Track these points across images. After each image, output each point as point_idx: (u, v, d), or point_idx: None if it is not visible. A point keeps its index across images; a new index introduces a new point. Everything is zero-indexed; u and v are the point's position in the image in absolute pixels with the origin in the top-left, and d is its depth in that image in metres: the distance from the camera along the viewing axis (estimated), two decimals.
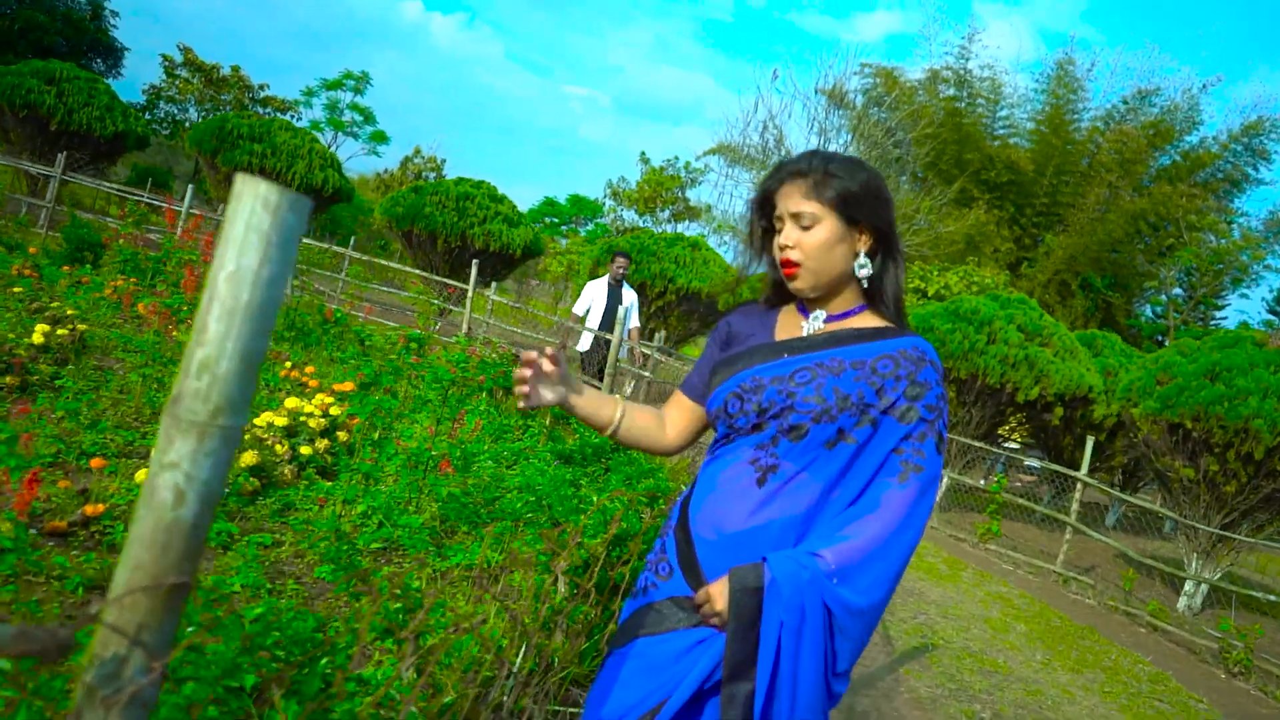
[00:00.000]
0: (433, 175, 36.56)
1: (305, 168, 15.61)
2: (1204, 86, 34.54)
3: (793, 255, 1.63)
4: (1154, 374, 8.94)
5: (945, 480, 11.28)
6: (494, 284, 14.70)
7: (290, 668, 1.77)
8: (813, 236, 1.62)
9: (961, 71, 35.67)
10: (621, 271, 9.28)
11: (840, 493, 1.59)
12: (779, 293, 1.77)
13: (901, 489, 1.56)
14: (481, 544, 3.85)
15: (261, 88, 32.39)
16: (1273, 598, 7.23)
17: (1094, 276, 34.91)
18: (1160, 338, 34.10)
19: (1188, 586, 8.78)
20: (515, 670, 2.67)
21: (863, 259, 1.65)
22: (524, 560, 3.27)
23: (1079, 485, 9.13)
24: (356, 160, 40.85)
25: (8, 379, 4.55)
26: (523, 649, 2.80)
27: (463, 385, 6.20)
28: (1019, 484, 16.27)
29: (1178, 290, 35.45)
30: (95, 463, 3.33)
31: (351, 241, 16.00)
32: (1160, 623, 7.36)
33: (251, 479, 3.98)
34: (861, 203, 1.61)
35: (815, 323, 1.69)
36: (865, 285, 1.67)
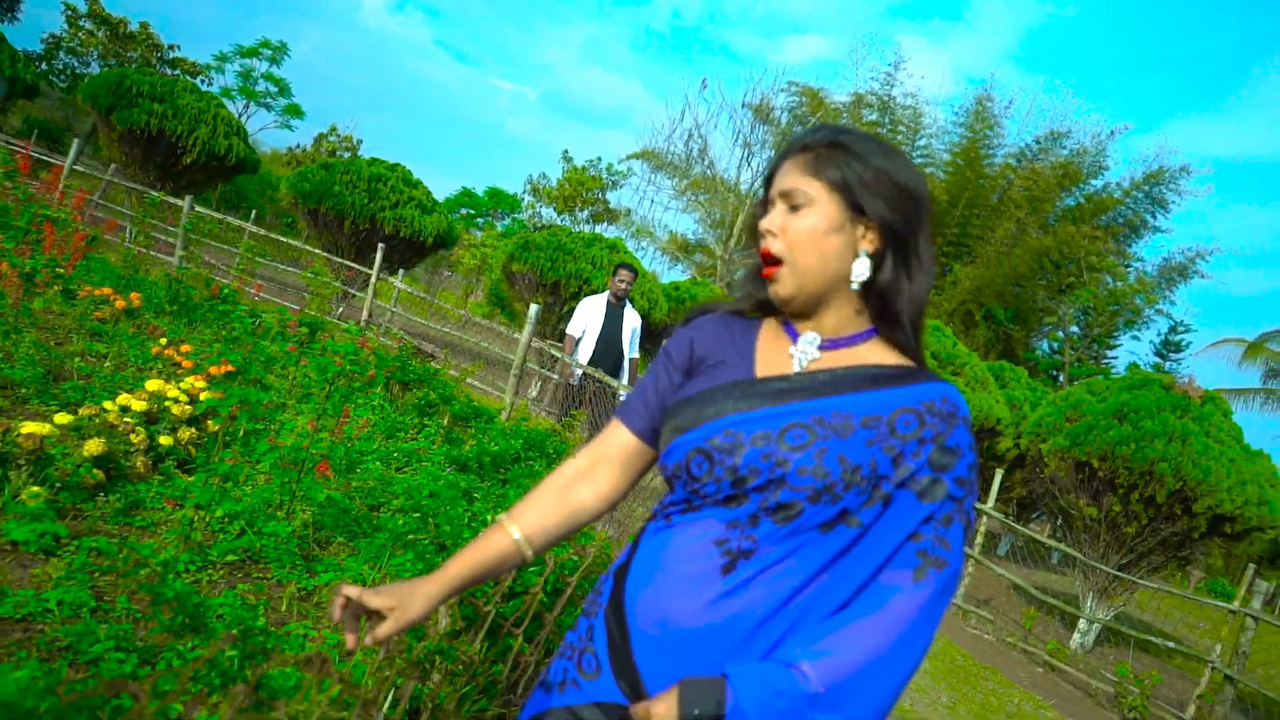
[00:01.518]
0: (347, 154, 35.44)
1: (209, 133, 14.72)
2: (1112, 133, 35.87)
3: (774, 246, 1.25)
4: (1063, 411, 8.95)
5: None
6: (401, 272, 14.10)
7: None
8: (801, 222, 1.23)
9: (885, 98, 36.28)
10: (624, 287, 7.54)
11: (831, 586, 1.19)
12: (753, 298, 1.34)
13: (916, 589, 1.16)
14: (356, 561, 3.41)
15: (171, 48, 30.79)
16: (1171, 645, 7.22)
17: (997, 308, 35.81)
18: (1055, 373, 35.14)
19: (1081, 624, 8.80)
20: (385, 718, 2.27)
21: (863, 260, 1.24)
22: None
23: (983, 518, 9.07)
24: (268, 133, 39.45)
25: None
26: (390, 693, 2.40)
27: (351, 378, 5.71)
28: None
29: (1075, 328, 36.63)
30: None
31: (252, 215, 15.18)
32: (1057, 662, 7.31)
33: (95, 471, 3.46)
34: (872, 189, 1.22)
35: (808, 349, 1.27)
36: (871, 299, 1.27)
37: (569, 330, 7.72)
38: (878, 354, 1.28)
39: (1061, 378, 33.42)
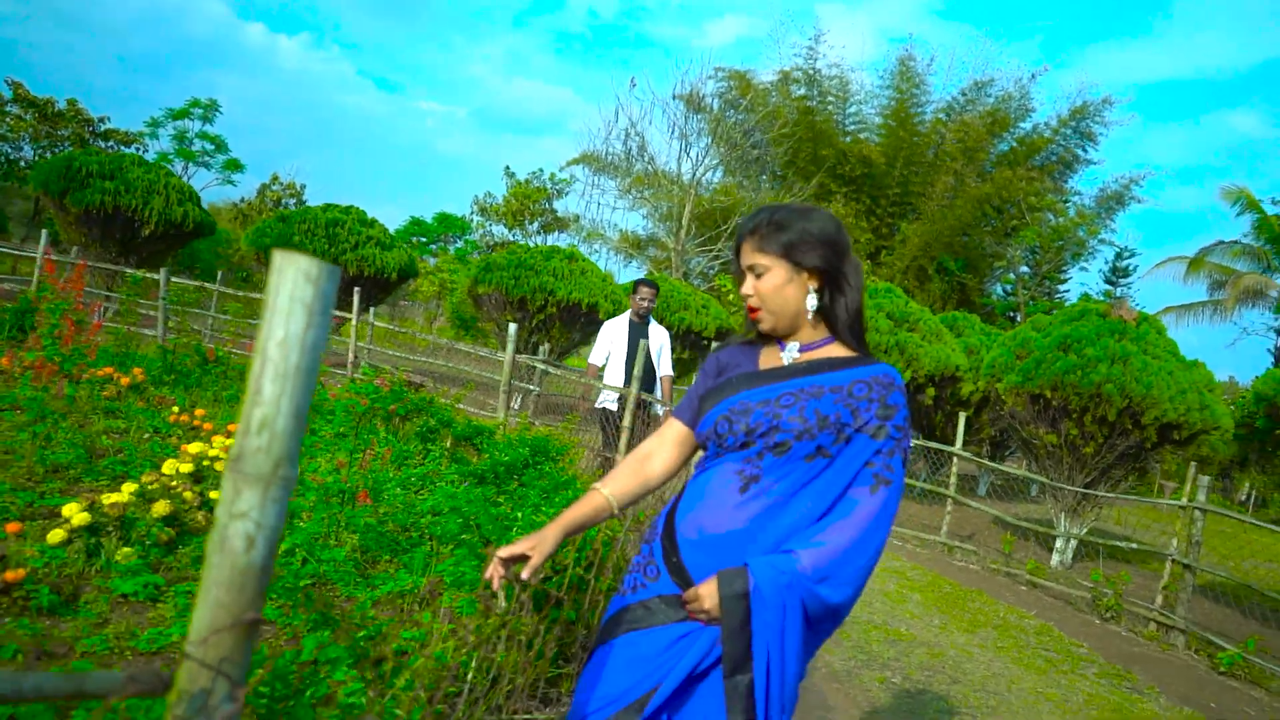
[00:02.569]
0: (293, 202, 35.57)
1: (163, 203, 15.03)
2: (1033, 76, 36.86)
3: (752, 302, 1.85)
4: (1013, 350, 9.59)
5: None
6: (372, 310, 14.51)
7: (280, 702, 1.85)
8: (765, 284, 1.82)
9: (810, 72, 36.91)
10: (646, 305, 7.17)
11: (813, 498, 1.76)
12: (756, 328, 1.96)
13: (872, 498, 1.74)
14: (407, 570, 3.92)
15: (102, 120, 30.82)
16: (1134, 545, 7.88)
17: (948, 260, 36.64)
18: (1012, 314, 36.03)
19: (1058, 544, 9.45)
20: (470, 686, 2.79)
21: (811, 296, 1.83)
22: (459, 580, 3.36)
23: (954, 459, 9.69)
24: (211, 191, 39.38)
25: None
26: (473, 664, 2.91)
27: (369, 416, 6.20)
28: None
29: (1024, 268, 37.61)
30: (11, 528, 3.26)
31: (219, 276, 15.51)
32: (1038, 579, 7.93)
33: (166, 529, 3.93)
34: (803, 248, 1.81)
35: (792, 353, 1.87)
36: (824, 317, 1.86)
37: (591, 359, 7.51)
38: (837, 350, 1.87)
39: (1019, 318, 34.29)
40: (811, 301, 1.84)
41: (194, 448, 4.72)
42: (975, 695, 4.50)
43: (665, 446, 1.95)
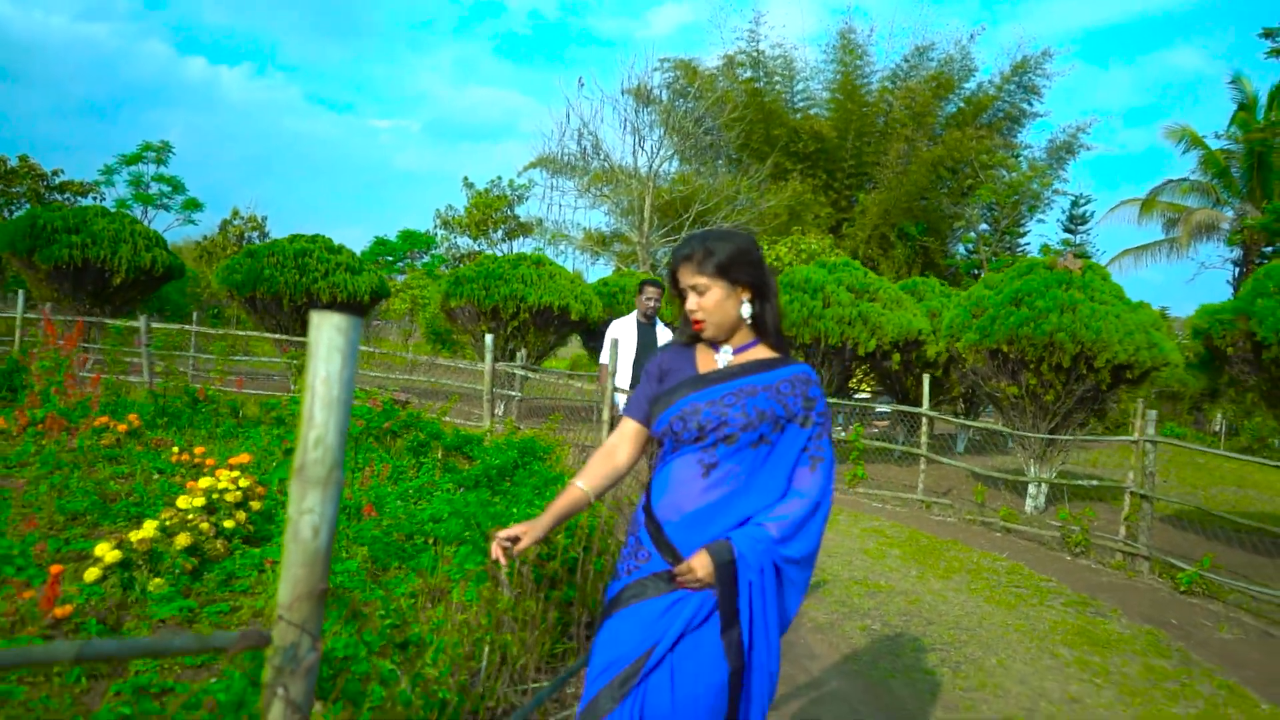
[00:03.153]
0: (256, 235, 35.64)
1: (130, 251, 15.19)
2: (972, 36, 37.35)
3: (698, 315, 2.20)
4: (969, 309, 10.02)
5: None
6: None
7: (341, 675, 2.20)
8: (708, 300, 2.19)
9: (754, 54, 37.31)
10: (653, 305, 7.00)
11: (765, 476, 2.18)
12: (692, 334, 2.32)
13: (813, 475, 2.19)
14: (416, 573, 4.26)
15: (55, 173, 30.81)
16: (1094, 483, 8.32)
17: (909, 225, 37.21)
18: (976, 272, 36.58)
19: (1030, 489, 9.90)
20: (486, 662, 3.14)
21: (745, 306, 2.23)
22: (467, 574, 3.70)
23: (924, 420, 10.11)
24: (174, 231, 39.30)
25: None
26: (486, 643, 3.27)
27: (365, 436, 6.52)
28: (875, 429, 17.51)
29: (984, 226, 38.19)
30: (54, 569, 3.57)
31: (195, 316, 15.72)
32: (1011, 524, 8.36)
33: (190, 559, 4.25)
34: (734, 267, 2.19)
35: (726, 355, 2.25)
36: (753, 323, 2.25)
37: (602, 360, 7.67)
38: (763, 352, 2.27)
39: (983, 275, 34.84)
40: (746, 310, 2.23)
41: (203, 483, 5.03)
42: (949, 633, 4.89)
43: (626, 441, 2.33)
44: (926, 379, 10.20)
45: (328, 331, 1.38)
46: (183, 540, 4.31)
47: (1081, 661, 4.56)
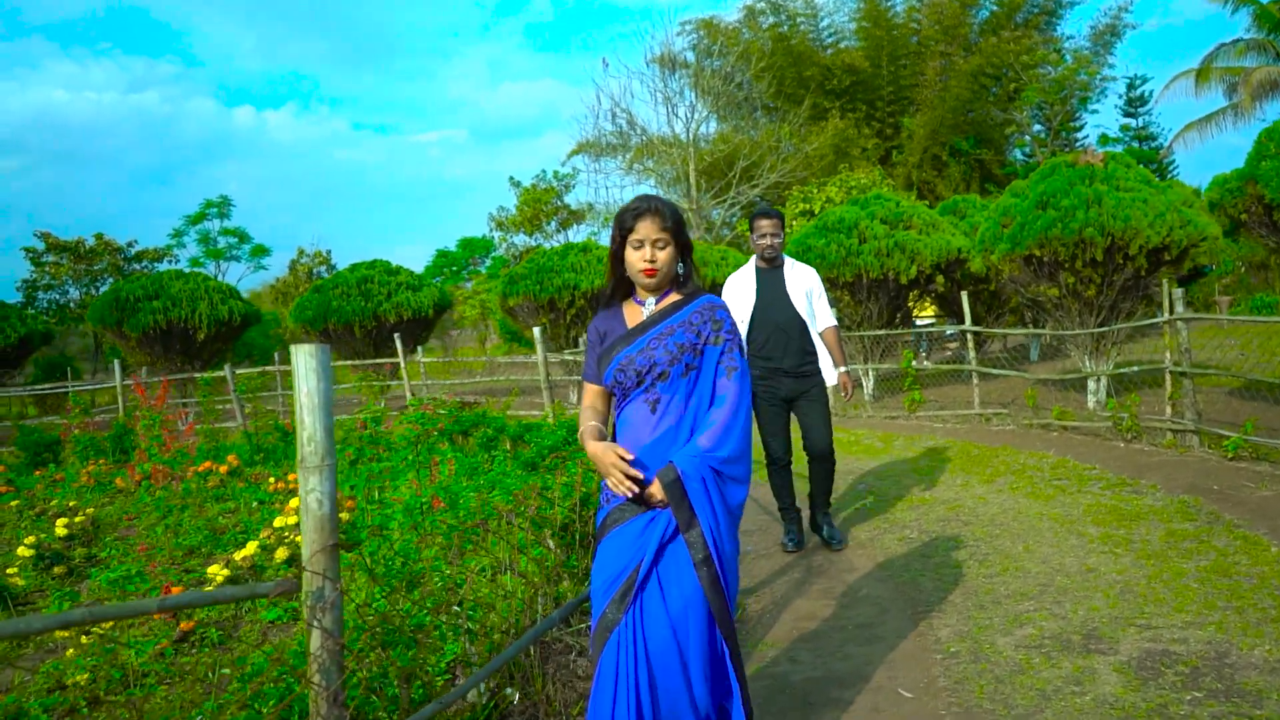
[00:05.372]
0: (324, 269, 37.04)
1: (208, 307, 16.23)
2: None
3: (654, 267, 2.60)
4: (998, 220, 10.15)
5: (871, 373, 12.44)
6: (419, 349, 15.50)
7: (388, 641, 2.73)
8: (665, 254, 2.62)
9: (775, 1, 37.01)
10: (772, 243, 5.27)
11: (696, 399, 2.62)
12: (618, 293, 2.75)
13: (731, 382, 2.61)
14: (488, 551, 4.79)
15: (130, 245, 32.59)
16: (1136, 369, 8.44)
17: (959, 141, 36.59)
18: None
19: (1090, 385, 10.02)
20: (542, 608, 3.64)
21: (679, 263, 2.69)
22: (514, 546, 4.21)
23: (968, 336, 10.29)
24: (247, 279, 41.10)
25: (56, 569, 5.37)
26: (539, 596, 3.76)
27: (428, 438, 7.10)
28: (947, 353, 17.59)
29: (1037, 127, 37.34)
30: (175, 589, 4.19)
31: (275, 357, 16.71)
32: (1067, 421, 8.55)
33: (289, 569, 4.86)
34: (680, 228, 2.64)
35: (649, 307, 2.68)
36: (678, 276, 2.70)
37: None
38: (676, 296, 2.70)
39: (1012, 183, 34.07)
40: (679, 267, 2.69)
41: (294, 503, 5.67)
42: (982, 529, 5.23)
43: (599, 399, 2.77)
44: (965, 296, 10.38)
45: (304, 358, 1.87)
46: (281, 554, 4.92)
47: (1106, 536, 4.86)
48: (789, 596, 4.42)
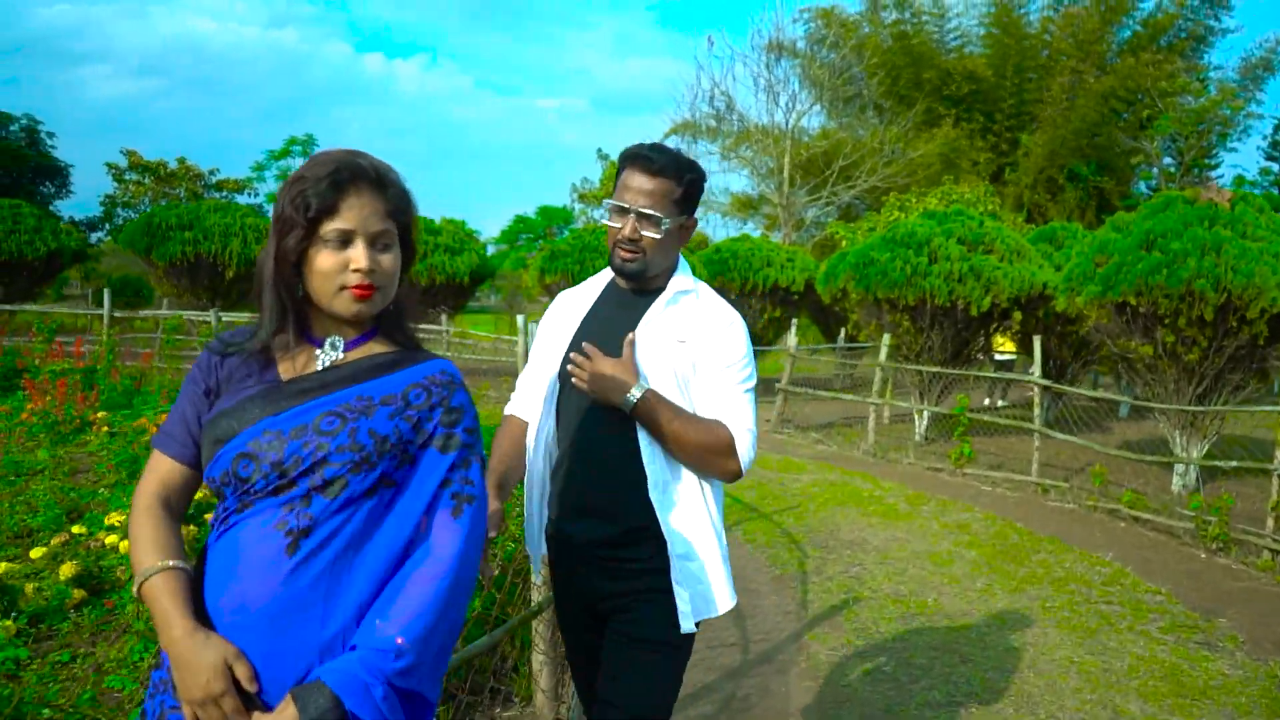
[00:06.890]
0: None
1: (240, 245, 15.44)
2: None
3: (370, 282, 1.43)
4: (1091, 256, 8.54)
5: (926, 414, 10.86)
6: (444, 317, 14.48)
7: None
8: (388, 259, 1.47)
9: None
10: (635, 233, 2.02)
11: (385, 542, 1.39)
12: (276, 321, 1.45)
13: (455, 524, 1.41)
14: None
15: (212, 172, 32.37)
16: (1234, 464, 6.82)
17: (1079, 166, 34.25)
18: None
19: (1178, 468, 8.39)
20: None
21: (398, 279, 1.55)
22: None
23: (1035, 390, 8.74)
24: None
25: None
26: None
27: None
28: (1030, 393, 15.80)
29: (1167, 160, 34.63)
30: None
31: None
32: (1139, 512, 6.98)
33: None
34: (409, 219, 1.54)
35: (332, 354, 1.47)
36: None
37: None
38: (386, 346, 1.53)
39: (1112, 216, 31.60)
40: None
41: None
42: (983, 676, 3.83)
43: (177, 494, 1.46)
44: (1037, 341, 8.82)
45: None
46: (67, 570, 3.85)
47: None
48: None
